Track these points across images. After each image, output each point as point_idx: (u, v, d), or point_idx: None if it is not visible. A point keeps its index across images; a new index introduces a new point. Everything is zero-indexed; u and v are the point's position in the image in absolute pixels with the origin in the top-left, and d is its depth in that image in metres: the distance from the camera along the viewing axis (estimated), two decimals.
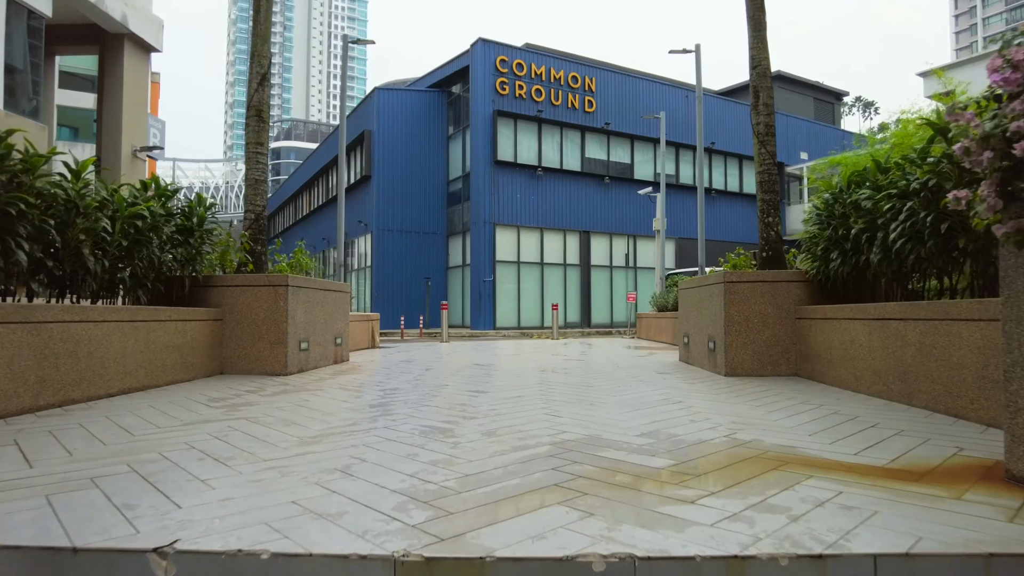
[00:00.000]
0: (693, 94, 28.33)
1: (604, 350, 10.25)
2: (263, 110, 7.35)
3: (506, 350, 10.48)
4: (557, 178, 24.18)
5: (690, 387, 5.12)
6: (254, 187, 7.28)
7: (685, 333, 7.43)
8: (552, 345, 12.23)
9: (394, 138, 25.04)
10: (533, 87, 23.63)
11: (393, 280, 24.52)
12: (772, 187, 6.87)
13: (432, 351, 10.38)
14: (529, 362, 7.68)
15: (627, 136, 25.97)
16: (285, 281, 6.19)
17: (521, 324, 22.88)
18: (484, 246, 22.33)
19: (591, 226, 24.86)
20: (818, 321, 5.38)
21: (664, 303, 13.32)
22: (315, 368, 6.85)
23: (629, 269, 25.89)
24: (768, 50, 6.93)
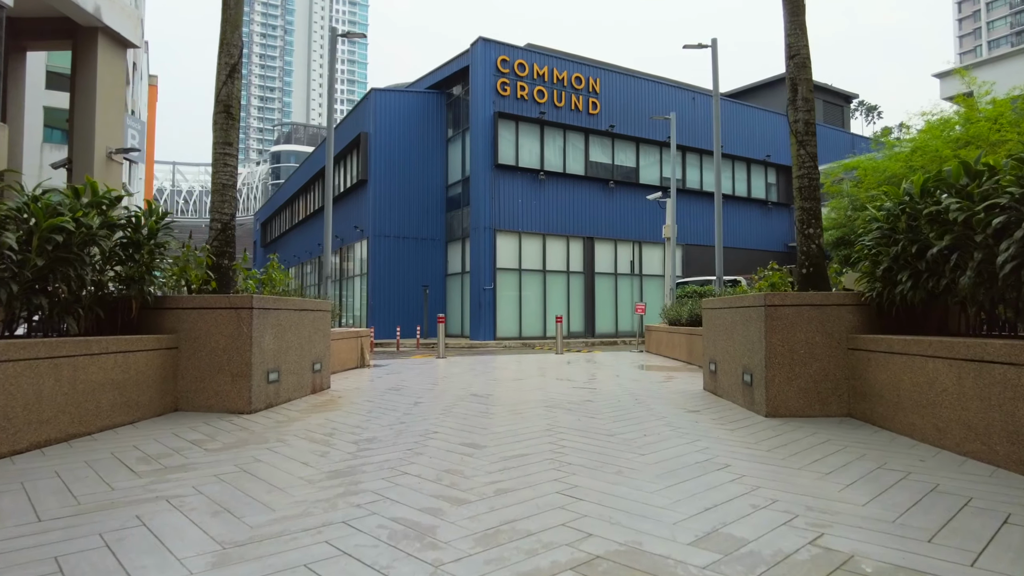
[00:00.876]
0: (700, 96, 27.55)
1: (614, 371, 9.36)
2: (232, 105, 6.50)
3: (507, 370, 9.60)
4: (560, 182, 23.33)
5: (731, 436, 4.23)
6: (221, 193, 6.41)
7: (712, 359, 6.54)
8: (556, 362, 11.35)
9: (391, 141, 24.21)
10: (535, 88, 22.80)
11: (390, 288, 23.65)
12: (813, 193, 6.00)
13: (426, 371, 9.50)
14: (533, 391, 6.80)
15: (632, 139, 25.12)
16: (249, 303, 5.31)
17: (523, 334, 22.00)
18: (484, 253, 21.47)
19: (595, 232, 23.99)
20: (880, 355, 4.49)
21: (676, 316, 12.43)
22: (288, 402, 5.97)
23: (634, 276, 25.02)
24: (807, 37, 6.07)
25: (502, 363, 11.15)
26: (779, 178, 30.50)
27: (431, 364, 11.08)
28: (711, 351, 6.57)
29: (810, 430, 4.43)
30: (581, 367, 10.07)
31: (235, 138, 6.56)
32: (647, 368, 9.84)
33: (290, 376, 6.06)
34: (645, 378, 8.19)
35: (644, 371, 9.28)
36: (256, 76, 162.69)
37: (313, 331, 6.66)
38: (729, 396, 5.94)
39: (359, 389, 7.10)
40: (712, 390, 6.53)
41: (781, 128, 30.58)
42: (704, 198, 27.35)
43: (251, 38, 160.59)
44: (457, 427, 4.59)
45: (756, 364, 5.21)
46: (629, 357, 12.83)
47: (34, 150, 24.71)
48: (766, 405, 5.01)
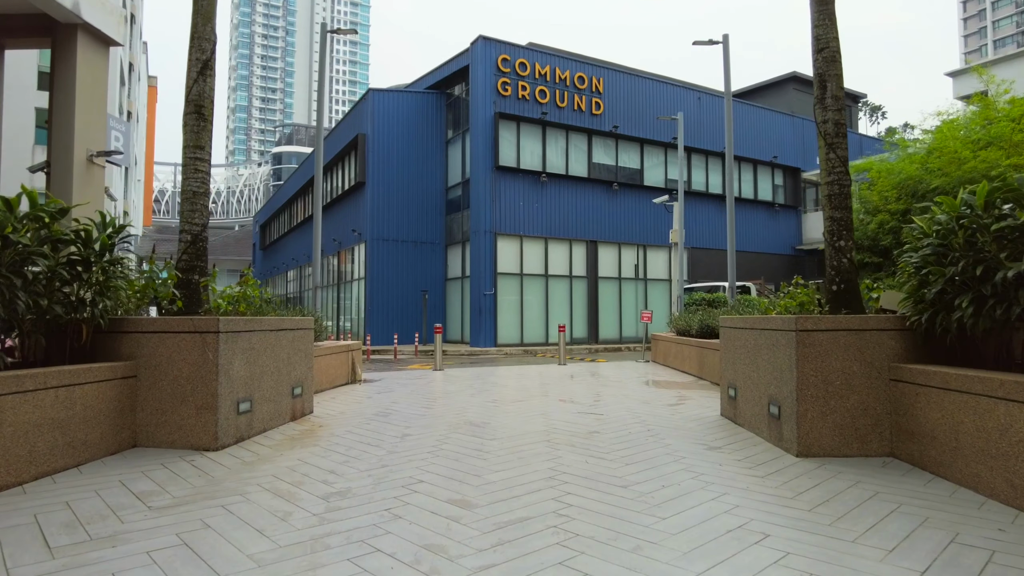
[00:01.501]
0: (707, 96, 26.96)
1: (621, 389, 8.77)
2: (204, 105, 5.94)
3: (507, 387, 9.01)
4: (562, 184, 22.75)
5: (763, 486, 3.65)
6: (191, 201, 5.85)
7: (731, 383, 5.95)
8: (559, 376, 10.76)
9: (390, 142, 23.65)
10: (537, 88, 22.22)
11: (388, 293, 23.09)
12: (844, 202, 5.43)
13: (421, 389, 8.92)
14: (534, 417, 6.21)
15: (636, 140, 24.52)
16: (215, 326, 4.74)
17: (524, 340, 21.41)
18: (484, 257, 20.90)
19: (598, 235, 23.40)
20: (933, 390, 3.91)
21: (685, 326, 11.84)
22: (262, 432, 5.40)
23: (639, 281, 24.41)
24: (837, 28, 5.49)
25: (502, 377, 10.57)
26: (786, 179, 29.89)
27: (427, 378, 10.50)
28: (730, 374, 5.98)
29: (852, 477, 3.85)
30: (585, 383, 9.48)
31: (207, 141, 6.00)
32: (655, 384, 9.25)
33: (265, 404, 5.49)
34: (655, 398, 7.60)
35: (653, 389, 8.69)
36: (257, 77, 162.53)
37: (292, 352, 6.09)
38: (752, 427, 5.35)
39: (344, 414, 6.52)
40: (731, 417, 5.94)
41: (788, 129, 29.97)
42: (710, 200, 26.75)
43: (252, 39, 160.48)
44: (446, 473, 4.01)
45: (785, 396, 4.62)
46: (635, 369, 12.25)
47: (24, 153, 24.20)
48: (797, 443, 4.43)
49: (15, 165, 23.66)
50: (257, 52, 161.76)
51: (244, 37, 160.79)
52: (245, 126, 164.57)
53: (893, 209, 16.80)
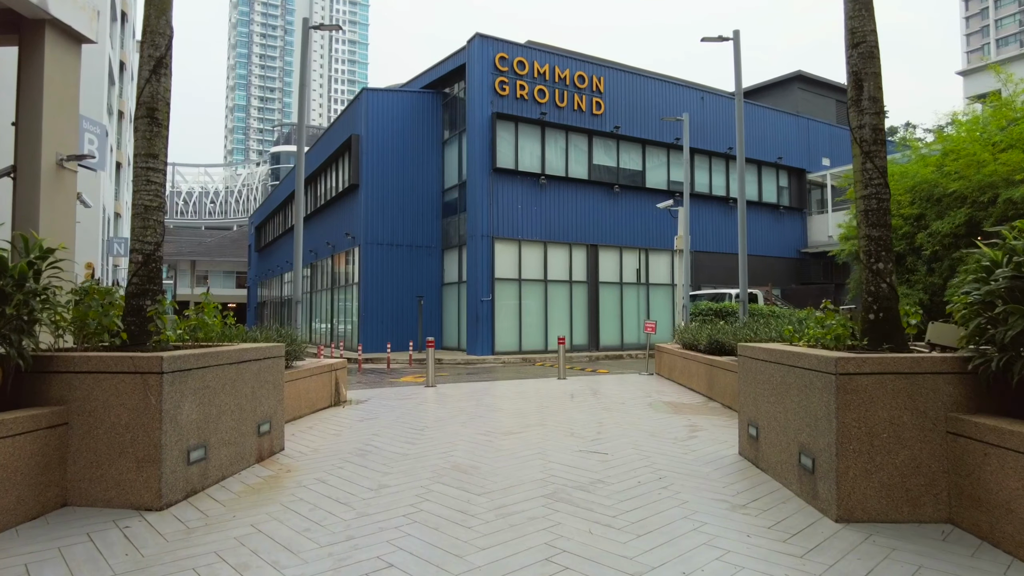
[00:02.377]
0: (710, 96, 26.30)
1: (625, 415, 8.11)
2: (158, 108, 5.28)
3: (503, 413, 8.35)
4: (562, 187, 22.08)
5: (803, 571, 2.99)
6: (143, 217, 5.19)
7: (752, 420, 5.29)
8: (559, 397, 10.11)
9: (384, 143, 22.98)
10: (536, 87, 21.55)
11: (383, 298, 22.43)
12: (883, 219, 4.75)
13: (409, 414, 8.26)
14: (530, 459, 5.56)
15: (638, 141, 23.85)
16: (158, 365, 4.09)
17: (523, 348, 20.75)
18: (482, 262, 20.24)
19: (599, 239, 22.73)
20: (1010, 453, 3.25)
21: (693, 340, 11.18)
22: (220, 482, 4.74)
23: (640, 286, 23.74)
24: (875, 21, 4.83)
25: (498, 396, 9.91)
26: (791, 181, 29.22)
27: (417, 397, 9.84)
28: (750, 410, 5.32)
29: (911, 558, 3.18)
30: (586, 405, 8.81)
31: (161, 149, 5.33)
32: (663, 408, 8.59)
33: (224, 449, 4.83)
34: (663, 428, 6.93)
35: (661, 415, 8.02)
36: (256, 76, 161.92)
37: (258, 385, 5.43)
38: (778, 475, 4.69)
39: (318, 452, 5.86)
40: (752, 459, 5.28)
41: (793, 129, 29.30)
42: (714, 202, 26.10)
43: (251, 38, 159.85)
44: (422, 551, 3.35)
45: (821, 448, 3.96)
46: (638, 385, 11.58)
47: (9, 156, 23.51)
48: (836, 505, 3.77)
49: None
50: (256, 51, 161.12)
51: (243, 36, 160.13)
52: (244, 126, 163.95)
53: (907, 214, 16.13)
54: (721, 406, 8.71)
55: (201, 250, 62.09)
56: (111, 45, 29.02)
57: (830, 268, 29.91)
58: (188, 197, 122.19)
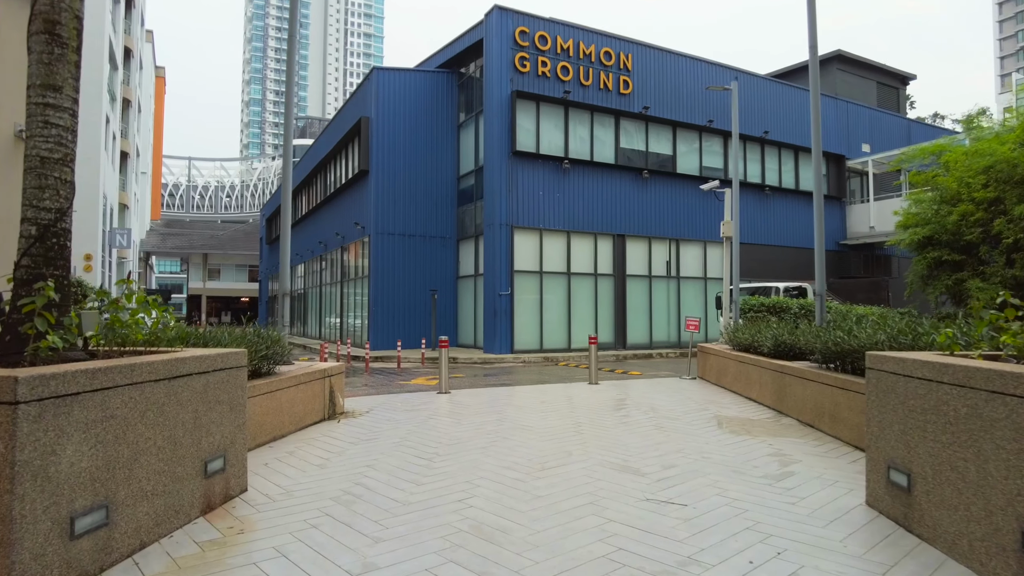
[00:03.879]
0: (744, 76, 24.49)
1: (688, 437, 6.53)
2: (62, 22, 3.78)
3: (531, 433, 6.80)
4: (586, 172, 20.43)
5: None
6: (39, 174, 3.70)
7: (895, 462, 3.68)
8: (596, 406, 8.54)
9: (395, 126, 21.47)
10: (559, 64, 19.90)
11: (394, 292, 20.96)
12: None
13: (418, 428, 6.74)
14: (581, 521, 3.99)
15: (668, 123, 22.12)
16: (10, 391, 2.58)
17: (544, 346, 19.18)
18: (500, 253, 18.68)
19: (626, 228, 21.05)
20: None
21: (752, 341, 9.55)
22: (135, 553, 3.23)
23: (671, 279, 22.03)
24: None
25: (522, 408, 8.36)
26: (830, 168, 27.29)
27: (428, 408, 8.31)
28: (896, 448, 3.71)
29: None
30: (635, 423, 7.23)
31: (68, 80, 3.83)
32: (729, 425, 6.98)
33: (144, 504, 3.32)
34: (745, 461, 5.34)
35: (731, 436, 6.42)
36: (272, 71, 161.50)
37: (206, 407, 3.92)
38: (969, 555, 3.08)
39: (291, 495, 4.34)
40: (900, 518, 3.66)
41: (831, 113, 27.36)
42: (747, 190, 24.27)
43: (266, 32, 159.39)
44: None
45: None
46: (685, 392, 9.98)
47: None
48: None
49: None
50: (271, 45, 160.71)
51: (258, 30, 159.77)
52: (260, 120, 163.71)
53: (980, 198, 14.30)
54: (798, 423, 7.09)
55: (213, 243, 61.17)
56: (112, 28, 27.79)
57: (871, 261, 28.00)
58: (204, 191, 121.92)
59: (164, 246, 57.92)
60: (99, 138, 23.87)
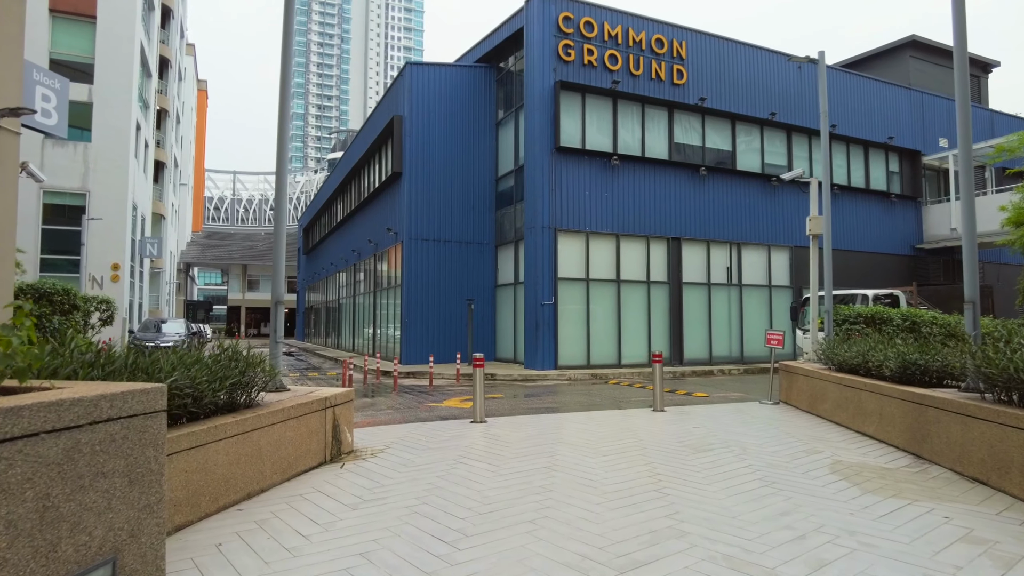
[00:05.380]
0: (808, 66, 22.31)
1: (813, 498, 4.71)
2: None
3: (594, 488, 5.08)
4: (637, 169, 18.60)
5: None
6: None
7: None
8: (670, 444, 6.76)
9: (430, 125, 20.07)
10: (606, 52, 18.20)
11: (427, 302, 19.47)
12: None
13: (443, 476, 5.08)
14: None
15: (727, 116, 20.15)
16: None
17: (591, 361, 17.36)
18: (542, 259, 16.99)
19: (682, 231, 19.11)
20: None
21: (855, 359, 7.62)
22: None
23: (731, 287, 19.95)
24: None
25: (580, 447, 6.62)
26: (903, 165, 24.80)
27: (460, 445, 6.64)
28: None
29: None
30: (730, 473, 5.42)
31: None
32: (866, 482, 5.10)
33: None
34: (933, 555, 3.49)
35: (877, 498, 4.55)
36: (314, 85, 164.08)
37: (72, 488, 2.31)
38: None
39: None
40: None
41: (905, 105, 24.91)
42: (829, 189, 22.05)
43: (308, 47, 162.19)
44: None
45: None
46: (777, 426, 8.07)
47: (33, 147, 21.81)
48: None
49: None
50: (313, 60, 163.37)
51: (300, 45, 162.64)
52: (302, 133, 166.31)
53: None
54: (958, 477, 5.18)
55: (253, 254, 61.13)
56: (146, 35, 27.30)
57: (952, 267, 25.32)
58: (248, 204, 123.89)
59: (204, 257, 58.07)
60: (128, 144, 23.16)
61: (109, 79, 22.91)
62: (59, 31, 22.87)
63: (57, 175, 22.17)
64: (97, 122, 22.71)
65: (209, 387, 4.30)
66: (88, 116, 22.83)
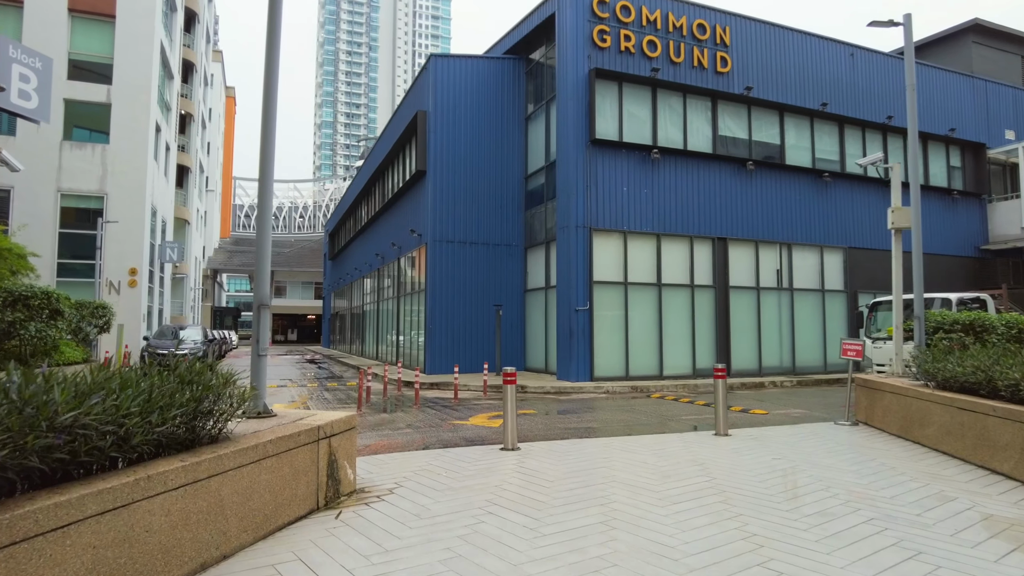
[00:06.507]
0: (860, 52, 20.71)
1: None
2: None
3: (669, 562, 3.74)
4: (679, 163, 17.19)
5: None
6: None
7: None
8: (751, 483, 5.42)
9: (456, 120, 18.95)
10: (644, 38, 16.87)
11: (452, 307, 18.27)
12: None
13: (469, 541, 3.80)
14: None
15: (775, 106, 18.63)
16: None
17: (630, 373, 15.95)
18: (576, 261, 15.67)
19: (729, 230, 17.61)
20: None
21: (971, 376, 6.16)
22: None
23: (782, 291, 18.35)
24: None
25: (634, 485, 5.29)
26: (965, 159, 22.90)
27: (487, 484, 5.36)
28: None
29: None
30: (857, 534, 4.03)
31: None
32: None
33: None
34: None
35: None
36: (342, 93, 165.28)
37: None
38: None
39: None
40: None
41: (967, 94, 23.04)
42: (871, 187, 20.38)
43: (337, 56, 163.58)
44: None
45: None
46: (868, 452, 6.63)
47: (51, 149, 21.25)
48: None
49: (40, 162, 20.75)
50: (342, 68, 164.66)
51: (329, 55, 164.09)
52: (331, 142, 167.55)
53: None
54: None
55: (280, 261, 60.84)
56: (168, 36, 26.74)
57: (1022, 270, 23.28)
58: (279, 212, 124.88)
59: (231, 263, 57.91)
60: (146, 145, 22.48)
61: (128, 79, 22.28)
62: (78, 31, 22.34)
63: (75, 177, 21.58)
64: (115, 123, 22.08)
65: (143, 422, 3.10)
66: (106, 117, 22.22)
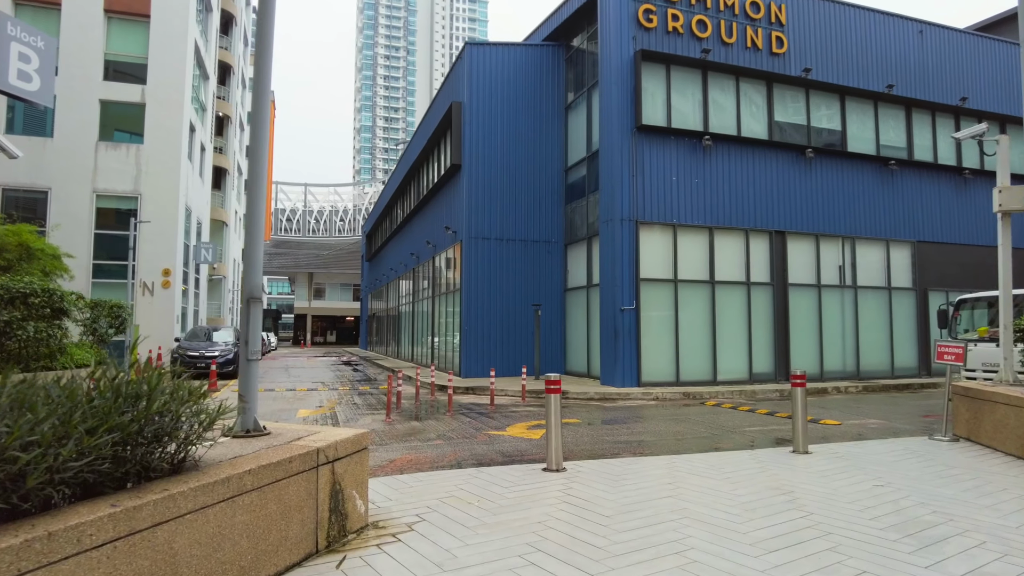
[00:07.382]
0: (929, 29, 19.07)
1: None
2: None
3: None
4: (733, 151, 15.92)
5: None
6: None
7: None
8: (869, 532, 4.33)
9: (492, 111, 18.06)
10: (694, 18, 15.70)
11: (489, 308, 17.39)
12: None
13: None
14: None
15: (835, 89, 17.20)
16: None
17: (680, 377, 14.79)
18: (621, 257, 14.60)
19: (787, 223, 16.27)
20: None
21: None
22: None
23: (845, 289, 16.89)
24: None
25: (713, 524, 4.26)
26: None
27: (527, 522, 4.40)
28: None
29: None
30: None
31: None
32: None
33: None
34: None
35: None
36: (381, 97, 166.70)
37: None
38: None
39: None
40: None
41: None
42: (941, 174, 18.73)
43: (375, 60, 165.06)
44: None
45: None
46: (993, 480, 5.45)
47: (87, 150, 21.16)
48: None
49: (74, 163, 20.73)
50: (380, 73, 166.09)
51: (367, 59, 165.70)
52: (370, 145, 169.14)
53: None
54: None
55: (319, 263, 61.09)
56: (203, 36, 26.61)
57: None
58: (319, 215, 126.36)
59: (270, 266, 58.31)
60: (180, 144, 22.24)
61: (162, 78, 22.08)
62: (114, 32, 22.25)
63: (109, 178, 21.44)
64: (149, 123, 21.89)
65: (44, 458, 2.23)
66: (140, 118, 22.05)
